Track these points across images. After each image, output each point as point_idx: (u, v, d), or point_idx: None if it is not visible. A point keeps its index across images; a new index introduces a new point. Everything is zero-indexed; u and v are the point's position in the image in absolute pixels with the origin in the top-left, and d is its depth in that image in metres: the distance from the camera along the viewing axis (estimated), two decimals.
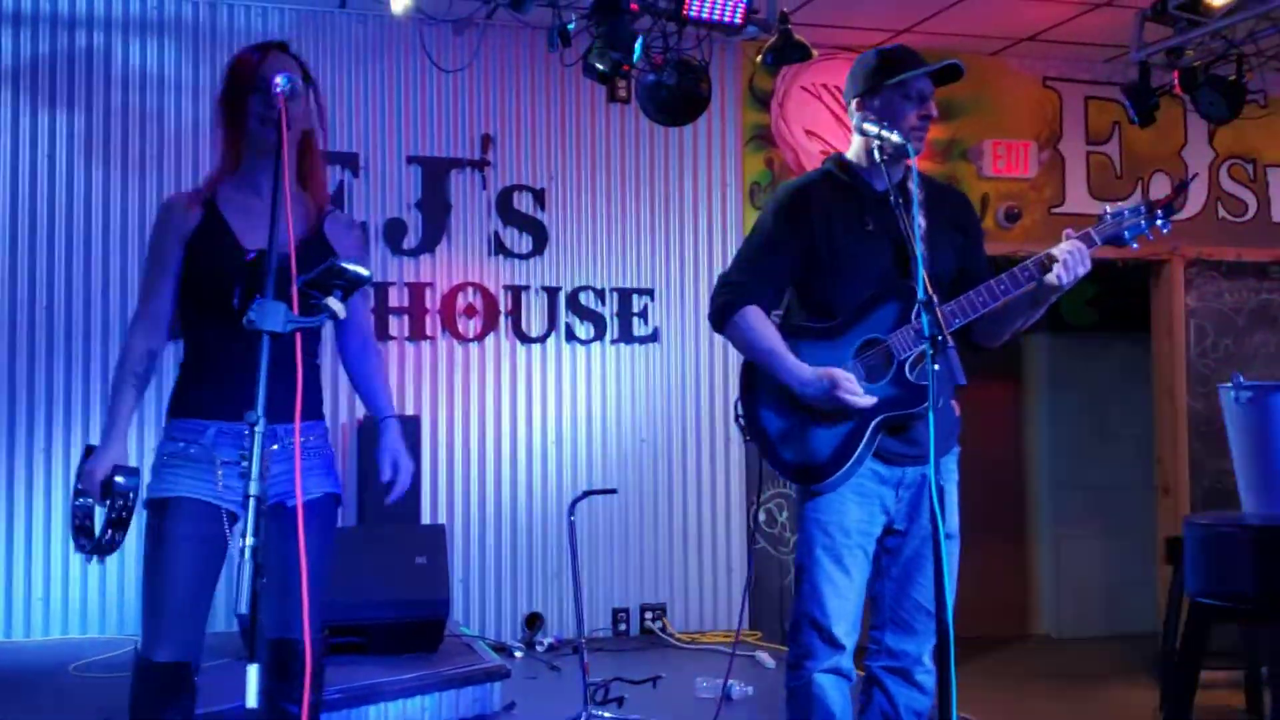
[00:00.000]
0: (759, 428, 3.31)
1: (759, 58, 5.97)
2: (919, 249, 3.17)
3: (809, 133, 7.18)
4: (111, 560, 5.91)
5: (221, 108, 2.96)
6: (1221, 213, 7.84)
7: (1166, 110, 6.71)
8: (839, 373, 3.14)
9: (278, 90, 2.57)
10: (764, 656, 6.01)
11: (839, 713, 3.20)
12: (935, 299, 2.94)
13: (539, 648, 6.38)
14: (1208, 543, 3.89)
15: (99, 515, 2.80)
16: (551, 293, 6.76)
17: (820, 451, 3.21)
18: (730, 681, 5.25)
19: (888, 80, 3.29)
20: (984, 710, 5.44)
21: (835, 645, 3.20)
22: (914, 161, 3.19)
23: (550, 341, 6.76)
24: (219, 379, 2.85)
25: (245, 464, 2.26)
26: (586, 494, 5.25)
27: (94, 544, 2.76)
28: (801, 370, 3.18)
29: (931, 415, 2.82)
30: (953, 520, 3.29)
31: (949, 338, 2.87)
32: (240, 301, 2.74)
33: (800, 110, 7.16)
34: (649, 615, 6.75)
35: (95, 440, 2.94)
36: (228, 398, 2.78)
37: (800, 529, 3.31)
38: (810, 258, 3.28)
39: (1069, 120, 7.62)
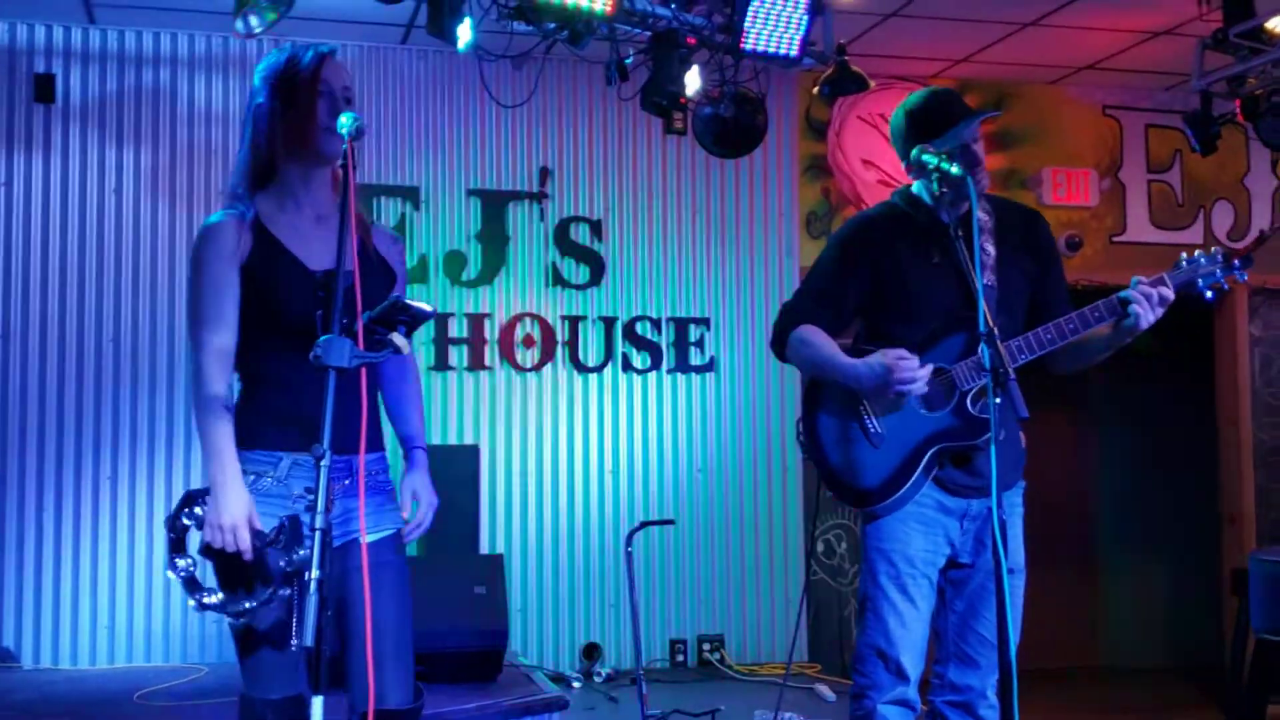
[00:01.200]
0: (819, 451, 3.33)
1: (815, 89, 5.98)
2: (984, 279, 3.18)
3: (866, 162, 7.17)
4: (176, 588, 6.01)
5: (275, 116, 2.77)
6: None
7: (1228, 138, 6.65)
8: (891, 352, 3.14)
9: (345, 130, 2.53)
10: (823, 689, 5.97)
11: None
12: (997, 332, 2.93)
13: (597, 678, 6.37)
14: (1275, 579, 3.83)
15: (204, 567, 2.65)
16: (608, 322, 6.79)
17: (877, 474, 3.23)
18: (788, 714, 5.23)
19: (930, 144, 3.28)
20: None
21: (901, 676, 3.19)
22: (976, 191, 3.18)
23: (607, 371, 6.78)
24: (291, 408, 2.71)
25: (312, 496, 2.27)
26: (644, 525, 5.26)
27: (256, 604, 2.57)
28: (856, 364, 3.20)
29: (994, 448, 2.81)
30: (1017, 556, 3.28)
31: (1010, 371, 2.85)
32: (322, 327, 2.61)
33: (857, 140, 7.16)
34: (706, 646, 6.73)
35: (191, 479, 2.78)
36: (300, 428, 2.64)
37: (864, 557, 3.31)
38: (876, 289, 3.31)
39: (1129, 148, 7.57)
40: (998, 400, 2.83)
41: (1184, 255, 3.26)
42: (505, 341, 6.66)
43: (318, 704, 2.27)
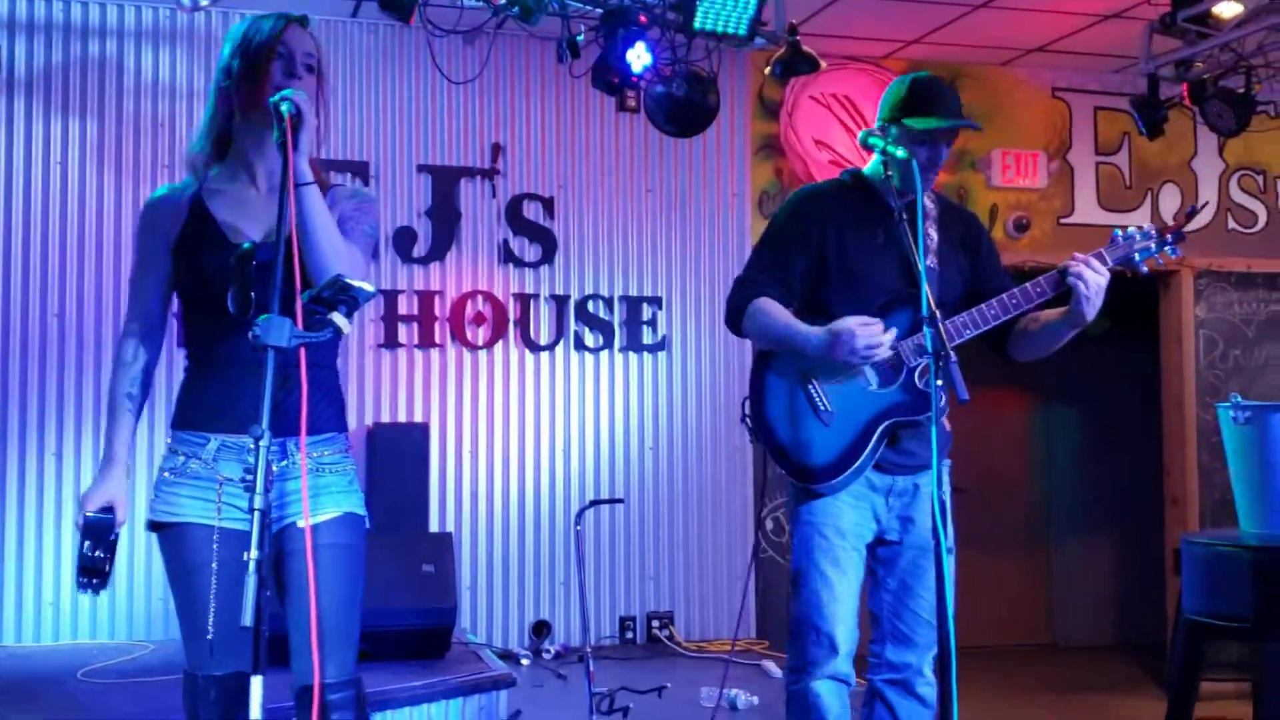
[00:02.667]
0: (766, 428, 3.34)
1: (768, 69, 5.99)
2: (927, 262, 3.22)
3: (818, 142, 7.19)
4: (121, 566, 5.97)
5: (229, 77, 2.73)
6: (1231, 224, 7.84)
7: (1176, 121, 6.71)
8: (853, 320, 3.17)
9: (284, 111, 2.50)
10: (770, 666, 6.01)
11: (835, 719, 3.21)
12: (939, 314, 2.96)
13: (546, 655, 6.39)
14: (1205, 561, 3.89)
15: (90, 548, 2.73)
16: (560, 301, 6.78)
17: (828, 453, 3.25)
18: (736, 692, 5.27)
19: (906, 119, 3.34)
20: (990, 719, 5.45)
21: (833, 650, 3.22)
22: (921, 180, 3.21)
23: (559, 349, 6.78)
24: (220, 388, 2.70)
25: (250, 478, 2.26)
26: (593, 504, 5.27)
27: (95, 584, 2.69)
28: (818, 332, 3.21)
29: (934, 429, 2.84)
30: (949, 532, 3.29)
31: (952, 354, 2.88)
32: (235, 304, 2.61)
33: (809, 120, 7.18)
34: (656, 623, 6.76)
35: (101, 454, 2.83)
36: (230, 408, 2.66)
37: (795, 533, 3.33)
38: (820, 263, 3.34)
39: (1078, 131, 7.62)
40: (939, 383, 2.86)
41: (1118, 231, 3.32)
42: (455, 319, 6.64)
43: (256, 683, 2.26)
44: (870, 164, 3.46)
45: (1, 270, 6.10)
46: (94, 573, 2.67)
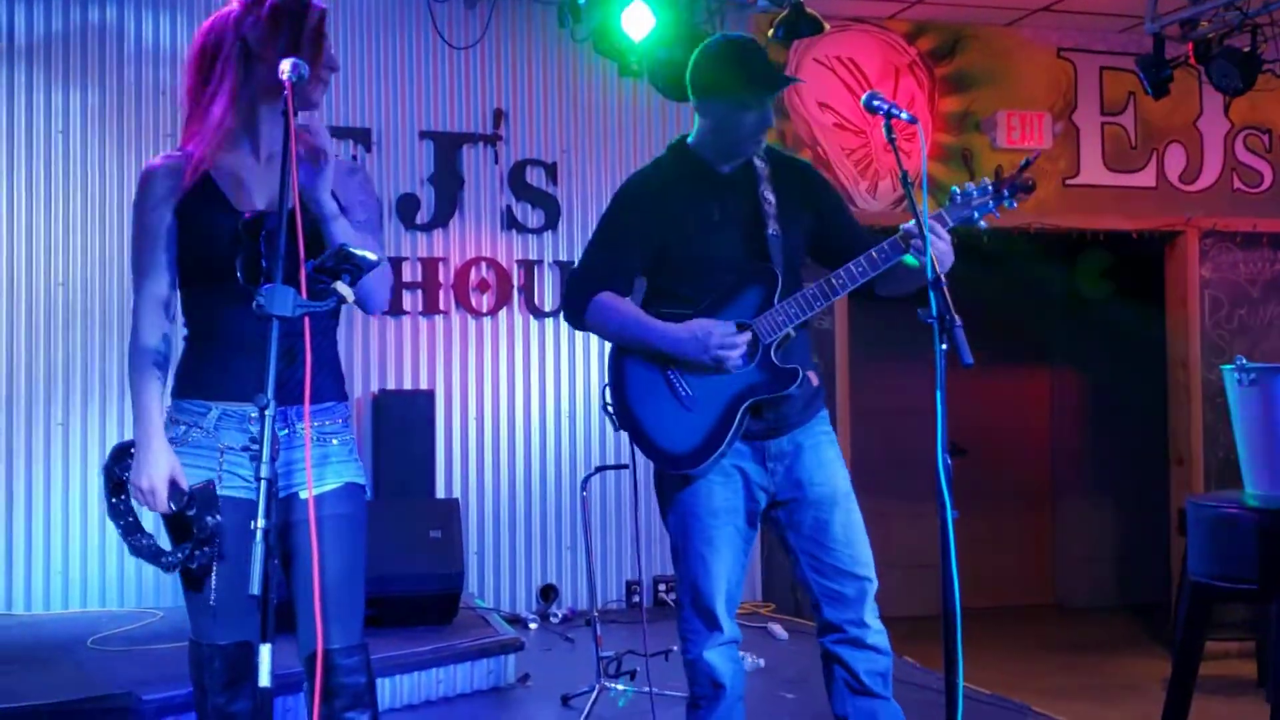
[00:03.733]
0: (630, 417, 3.28)
1: (771, 31, 5.95)
2: (770, 229, 3.20)
3: (822, 105, 7.16)
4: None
5: (254, 41, 2.68)
6: (1237, 183, 7.81)
7: (1182, 80, 6.67)
8: (711, 321, 3.13)
9: (285, 76, 2.48)
10: (776, 628, 6.04)
11: (728, 681, 3.24)
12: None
13: (553, 619, 6.43)
14: (1211, 524, 3.89)
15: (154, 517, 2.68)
16: (564, 267, 6.77)
17: (692, 437, 3.20)
18: (742, 654, 5.28)
19: (720, 93, 3.23)
20: (994, 680, 5.48)
21: (716, 624, 3.23)
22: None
23: (563, 316, 6.76)
24: (221, 357, 2.68)
25: (256, 447, 2.26)
26: (599, 469, 5.27)
27: (179, 560, 2.64)
28: (674, 329, 3.16)
29: (940, 396, 2.82)
30: (841, 479, 3.29)
31: (956, 317, 2.85)
32: (243, 272, 2.60)
33: (813, 83, 7.14)
34: (662, 587, 6.79)
35: (120, 427, 2.80)
36: (231, 377, 2.65)
37: (670, 516, 3.32)
38: (660, 251, 3.25)
39: (1084, 91, 7.58)
40: (944, 347, 2.82)
41: (956, 188, 3.22)
42: (459, 286, 6.63)
43: (265, 651, 2.28)
44: (695, 133, 3.33)
45: (5, 240, 6.10)
46: (209, 540, 2.62)
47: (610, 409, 3.32)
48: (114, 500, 2.72)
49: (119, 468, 2.72)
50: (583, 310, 3.28)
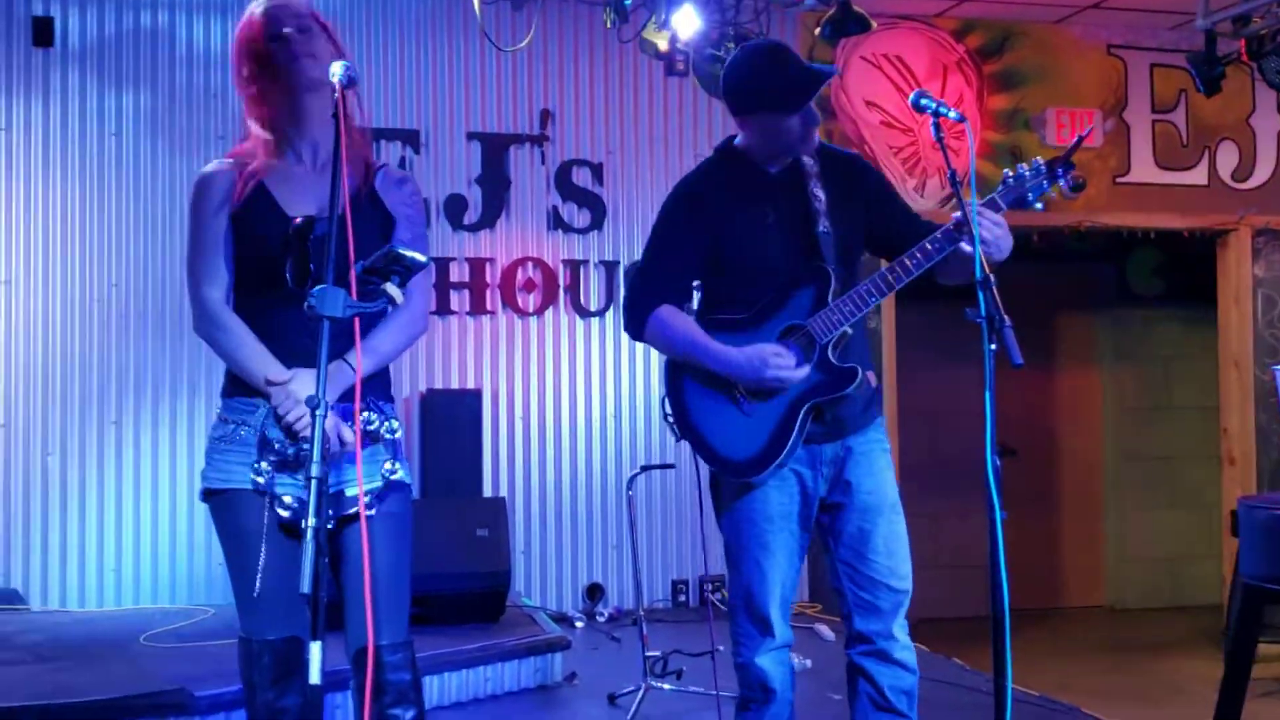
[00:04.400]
0: (691, 426, 3.25)
1: (818, 29, 5.94)
2: (820, 226, 3.16)
3: (869, 103, 7.14)
4: (181, 531, 6.08)
5: (249, 81, 2.76)
6: None
7: (1234, 77, 6.58)
8: (768, 348, 3.10)
9: (335, 80, 2.49)
10: (823, 629, 6.02)
11: (779, 686, 3.22)
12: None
13: (600, 618, 6.44)
14: (1263, 525, 3.85)
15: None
16: (610, 267, 6.79)
17: (754, 444, 3.17)
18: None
19: (760, 109, 3.18)
20: (1044, 682, 5.44)
21: (769, 629, 3.21)
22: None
23: (609, 315, 6.79)
24: (274, 357, 2.71)
25: (306, 447, 2.28)
26: (644, 469, 5.28)
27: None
28: (729, 354, 3.13)
29: (989, 395, 2.80)
30: (889, 489, 3.25)
31: (1005, 317, 2.83)
32: (293, 276, 2.64)
33: (860, 81, 7.12)
34: (708, 587, 6.77)
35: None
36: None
37: (725, 520, 3.29)
38: (713, 255, 3.23)
39: (1134, 88, 7.51)
40: (992, 347, 2.81)
41: (1008, 171, 3.18)
42: (506, 286, 6.66)
43: (315, 649, 2.30)
44: (742, 135, 3.29)
45: (60, 241, 6.18)
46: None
47: (670, 419, 3.29)
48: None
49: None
50: (642, 325, 3.26)
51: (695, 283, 3.35)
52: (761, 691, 3.24)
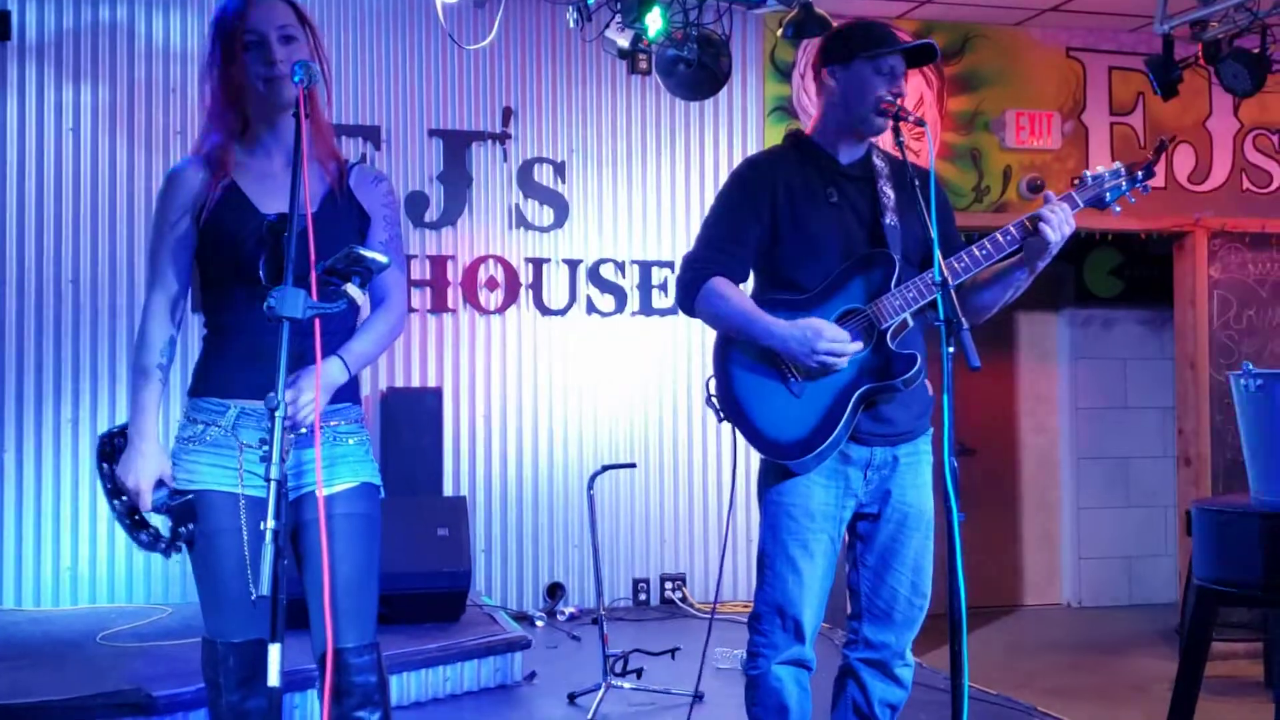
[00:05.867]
0: (736, 404, 3.17)
1: (780, 31, 5.96)
2: (886, 219, 3.13)
3: None
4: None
5: (214, 72, 2.71)
6: (1246, 184, 7.80)
7: (1191, 81, 6.66)
8: (821, 322, 3.03)
9: (296, 81, 2.48)
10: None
11: (795, 706, 3.13)
12: (950, 279, 2.91)
13: (560, 617, 6.45)
14: (1216, 529, 3.89)
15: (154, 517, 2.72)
16: (572, 265, 6.79)
17: (801, 426, 3.09)
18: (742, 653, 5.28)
19: (861, 52, 3.15)
20: (1001, 680, 5.49)
21: (798, 635, 3.12)
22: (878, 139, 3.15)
23: (571, 314, 6.79)
24: (242, 356, 2.70)
25: (266, 448, 2.27)
26: (605, 469, 5.28)
27: (167, 546, 2.69)
28: (781, 327, 3.05)
29: (948, 399, 2.82)
30: (928, 506, 3.21)
31: (963, 320, 2.85)
32: (266, 273, 2.62)
33: None
34: (669, 585, 6.80)
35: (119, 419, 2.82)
36: (250, 375, 2.66)
37: (763, 513, 3.21)
38: (774, 231, 3.17)
39: (1093, 91, 7.57)
40: (950, 350, 2.83)
41: (1087, 172, 3.22)
42: (468, 284, 6.65)
43: (275, 651, 2.29)
44: (814, 121, 3.28)
45: (16, 237, 6.13)
46: (189, 543, 2.68)
47: (715, 400, 3.20)
48: (115, 503, 2.72)
49: (110, 470, 2.73)
50: (694, 295, 3.18)
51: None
52: (776, 713, 3.12)
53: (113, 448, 2.73)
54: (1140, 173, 3.22)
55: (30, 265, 6.14)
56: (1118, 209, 3.26)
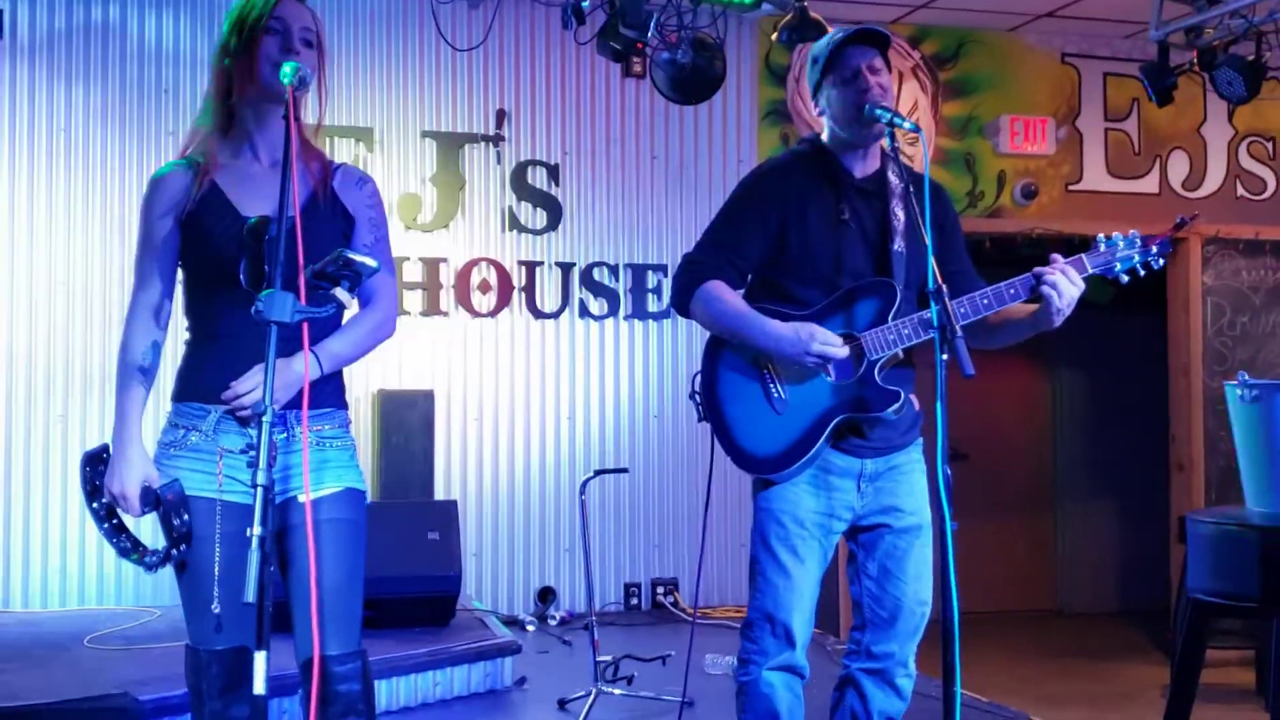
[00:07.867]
0: (717, 411, 3.19)
1: (775, 35, 5.94)
2: (895, 245, 3.11)
3: None
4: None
5: (227, 55, 2.70)
6: (1240, 190, 7.80)
7: (1186, 87, 6.65)
8: (815, 327, 3.02)
9: (286, 79, 2.48)
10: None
11: (785, 712, 3.12)
12: (945, 290, 2.88)
13: (551, 621, 6.42)
14: (1211, 540, 3.87)
15: (136, 523, 2.73)
16: (565, 268, 6.77)
17: (776, 443, 3.10)
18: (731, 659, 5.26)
19: (824, 77, 3.18)
20: (993, 686, 5.47)
21: (789, 641, 3.11)
22: (891, 147, 3.10)
23: (564, 317, 6.77)
24: (222, 360, 2.67)
25: (253, 453, 2.25)
26: (597, 473, 5.26)
27: (160, 559, 2.69)
28: (776, 327, 3.05)
29: (940, 406, 2.80)
30: (926, 513, 3.20)
31: (958, 328, 2.83)
32: (247, 277, 2.59)
33: None
34: (660, 590, 6.78)
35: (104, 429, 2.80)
36: (231, 380, 2.63)
37: (754, 519, 3.22)
38: (779, 244, 3.16)
39: (1087, 97, 7.57)
40: (944, 357, 2.81)
41: (1102, 237, 3.17)
42: (461, 286, 6.63)
43: (260, 659, 2.27)
44: (825, 131, 3.26)
45: (7, 237, 6.09)
46: (184, 539, 2.65)
47: (697, 397, 3.22)
48: (95, 505, 2.73)
49: (94, 473, 2.74)
50: (690, 295, 3.18)
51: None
52: None
53: (102, 464, 2.74)
54: (1155, 247, 3.14)
55: (20, 264, 6.10)
56: (1125, 279, 3.19)
